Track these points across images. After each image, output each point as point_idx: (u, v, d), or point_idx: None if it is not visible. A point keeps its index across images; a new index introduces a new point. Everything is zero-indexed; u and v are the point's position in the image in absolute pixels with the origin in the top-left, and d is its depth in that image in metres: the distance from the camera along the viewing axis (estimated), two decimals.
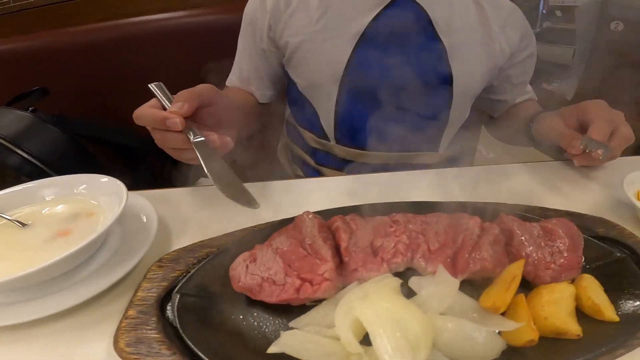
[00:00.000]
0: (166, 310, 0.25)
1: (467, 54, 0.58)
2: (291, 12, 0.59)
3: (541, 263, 0.25)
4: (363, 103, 0.58)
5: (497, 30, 0.61)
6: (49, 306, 0.28)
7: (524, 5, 3.41)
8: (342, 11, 0.58)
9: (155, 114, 0.37)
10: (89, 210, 0.36)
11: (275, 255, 0.26)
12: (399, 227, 0.27)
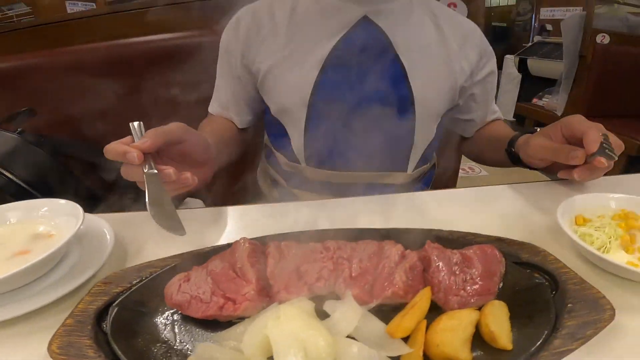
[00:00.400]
0: (103, 321, 0.28)
1: (427, 74, 0.60)
2: (262, 39, 0.62)
3: (451, 290, 0.26)
4: (331, 125, 0.60)
5: (456, 49, 0.63)
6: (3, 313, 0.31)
7: (517, 19, 3.51)
8: (308, 37, 0.61)
9: (118, 148, 0.39)
10: (49, 231, 0.39)
11: (208, 276, 0.28)
12: (328, 254, 0.29)
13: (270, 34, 0.61)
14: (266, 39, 0.61)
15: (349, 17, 0.58)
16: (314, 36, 0.59)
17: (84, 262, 0.36)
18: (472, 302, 0.26)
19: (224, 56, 0.69)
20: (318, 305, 0.27)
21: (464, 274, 0.27)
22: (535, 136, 0.52)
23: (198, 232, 0.41)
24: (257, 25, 0.62)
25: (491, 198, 0.48)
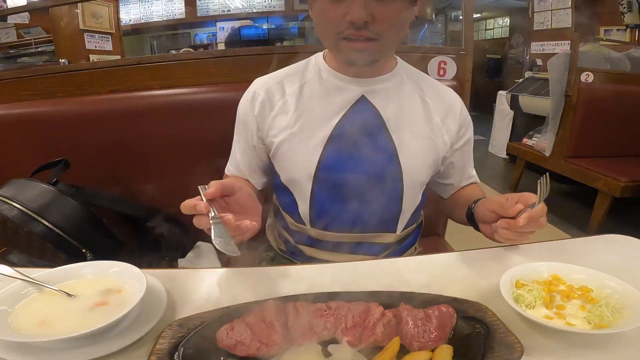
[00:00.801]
0: (174, 357, 0.40)
1: (414, 150, 0.72)
2: (274, 115, 0.74)
3: (414, 337, 0.39)
4: (333, 195, 0.73)
5: (440, 123, 0.75)
6: (92, 352, 0.42)
7: (511, 52, 3.71)
8: (313, 116, 0.72)
9: (190, 202, 0.52)
10: (118, 287, 0.52)
11: (246, 327, 0.41)
12: (330, 311, 0.43)
13: (281, 111, 0.74)
14: (278, 115, 0.74)
15: (349, 97, 0.71)
16: (319, 114, 0.72)
17: (146, 313, 0.48)
18: (429, 345, 0.39)
19: (240, 125, 0.80)
20: (324, 347, 0.39)
21: (424, 326, 0.41)
22: (488, 198, 0.66)
23: (227, 291, 0.55)
24: (270, 102, 0.75)
25: (453, 263, 0.62)
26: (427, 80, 0.78)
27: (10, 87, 1.18)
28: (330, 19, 0.62)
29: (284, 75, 0.77)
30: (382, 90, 0.72)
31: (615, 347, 0.42)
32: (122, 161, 1.15)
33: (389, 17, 0.60)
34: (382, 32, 0.61)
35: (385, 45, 0.64)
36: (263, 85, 0.77)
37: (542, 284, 0.49)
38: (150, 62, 1.16)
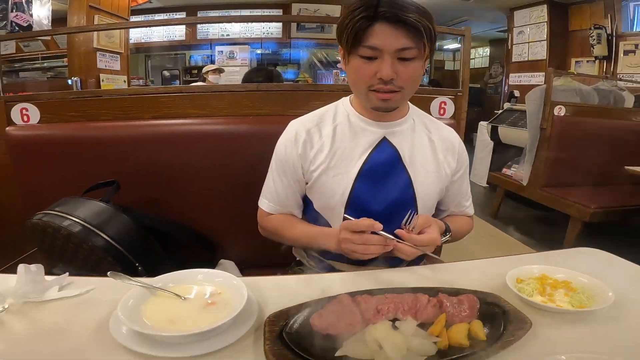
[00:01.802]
0: (282, 339, 0.55)
1: (424, 181, 0.90)
2: (313, 154, 0.90)
3: (454, 315, 0.57)
4: (362, 217, 0.86)
5: (442, 158, 0.92)
6: (210, 346, 0.54)
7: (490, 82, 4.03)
8: (346, 153, 0.89)
9: (367, 221, 0.75)
10: (218, 291, 0.65)
11: (332, 314, 0.58)
12: (389, 300, 0.60)
13: (319, 150, 0.91)
14: (317, 153, 0.91)
15: (374, 139, 0.90)
16: (350, 152, 0.89)
17: (245, 309, 0.60)
18: (465, 320, 0.57)
19: (282, 162, 0.94)
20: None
21: (459, 308, 0.59)
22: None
23: (287, 293, 0.70)
24: (311, 142, 0.92)
25: (463, 269, 0.82)
26: (431, 121, 0.97)
27: (55, 107, 1.31)
28: (364, 75, 0.80)
29: (319, 118, 0.95)
30: (399, 132, 0.91)
31: (590, 321, 0.62)
32: (157, 183, 1.28)
33: (409, 75, 0.79)
34: (403, 85, 0.80)
35: (405, 95, 0.84)
36: (303, 127, 0.94)
37: (535, 280, 0.69)
38: (190, 91, 1.33)
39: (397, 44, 0.75)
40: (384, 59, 0.76)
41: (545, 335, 0.58)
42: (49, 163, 1.29)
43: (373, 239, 0.75)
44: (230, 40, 4.83)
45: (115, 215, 1.07)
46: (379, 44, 0.76)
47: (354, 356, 0.51)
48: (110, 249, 1.01)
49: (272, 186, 0.97)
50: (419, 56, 0.79)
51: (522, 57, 4.78)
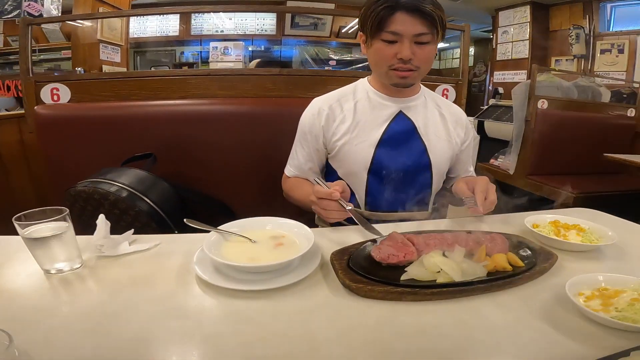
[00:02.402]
0: (349, 267, 0.64)
1: (438, 149, 1.01)
2: (336, 125, 1.02)
3: (492, 248, 0.68)
4: (383, 183, 1.00)
5: (452, 130, 1.05)
6: (287, 279, 0.60)
7: (474, 80, 4.22)
8: (366, 124, 1.00)
9: (326, 190, 0.81)
10: (284, 235, 0.73)
11: (390, 246, 0.68)
12: (434, 236, 0.71)
13: (341, 122, 1.02)
14: (339, 124, 1.02)
15: (391, 112, 1.01)
16: (370, 123, 1.01)
17: (311, 252, 0.67)
18: (502, 251, 0.68)
19: (306, 134, 1.05)
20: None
21: (494, 242, 0.70)
22: (458, 181, 0.95)
23: (338, 237, 0.80)
24: (333, 115, 1.03)
25: (478, 220, 0.93)
26: (441, 99, 1.11)
27: (86, 87, 1.36)
28: (386, 56, 0.91)
29: (340, 95, 1.07)
30: (413, 107, 1.03)
31: (600, 257, 0.75)
32: (184, 159, 1.36)
33: (425, 56, 0.91)
34: (419, 65, 0.92)
35: (421, 73, 0.96)
36: (325, 102, 1.06)
37: (549, 224, 0.81)
38: (217, 73, 1.40)
39: (415, 30, 0.86)
40: (403, 42, 0.88)
41: (568, 267, 0.70)
42: (77, 140, 1.33)
43: (332, 206, 0.82)
44: (224, 37, 4.84)
45: (157, 182, 1.13)
46: (399, 30, 0.87)
47: (418, 278, 0.61)
48: (154, 215, 1.07)
49: (295, 154, 1.09)
50: (433, 41, 0.90)
51: (506, 55, 5.00)
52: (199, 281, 0.63)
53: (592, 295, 0.56)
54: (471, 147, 1.13)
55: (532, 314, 0.55)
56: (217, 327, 0.53)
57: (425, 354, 0.47)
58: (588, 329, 0.52)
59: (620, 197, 2.60)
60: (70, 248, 0.67)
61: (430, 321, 0.54)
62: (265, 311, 0.56)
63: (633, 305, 0.52)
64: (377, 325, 0.53)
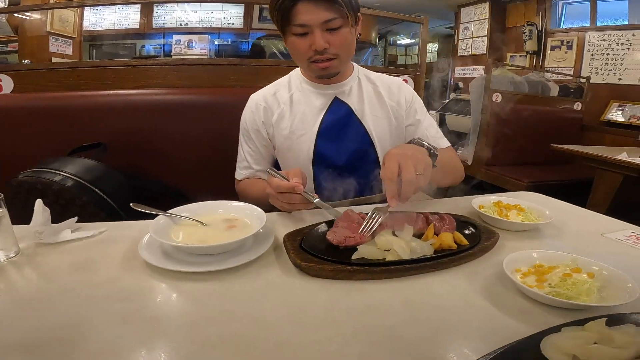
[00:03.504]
0: (302, 248, 0.64)
1: (379, 128, 1.00)
2: (275, 120, 1.01)
3: (440, 227, 0.71)
4: (330, 173, 0.99)
5: (391, 103, 1.02)
6: (238, 260, 0.60)
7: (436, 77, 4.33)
8: (304, 116, 0.98)
9: (288, 184, 0.75)
10: (236, 218, 0.73)
11: (343, 228, 0.68)
12: (387, 217, 0.72)
13: (280, 117, 1.01)
14: (279, 119, 1.01)
15: (326, 100, 1.00)
16: (308, 115, 1.00)
17: (265, 231, 0.69)
18: (449, 230, 0.70)
19: (249, 132, 1.02)
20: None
21: (443, 222, 0.72)
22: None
23: (293, 221, 0.80)
24: (271, 109, 1.02)
25: (429, 203, 0.95)
26: (376, 76, 1.07)
27: (30, 78, 1.27)
28: (301, 50, 0.89)
29: (274, 88, 1.05)
30: (348, 90, 1.02)
31: (539, 235, 0.80)
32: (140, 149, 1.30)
33: (340, 42, 0.88)
34: (337, 52, 0.89)
35: (343, 60, 0.94)
36: (262, 97, 1.04)
37: (493, 205, 0.86)
38: (175, 63, 1.35)
39: (322, 17, 0.83)
40: (314, 32, 0.85)
41: (508, 245, 0.74)
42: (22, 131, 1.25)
43: (296, 199, 0.77)
44: (188, 30, 4.64)
45: (107, 172, 1.08)
46: (306, 20, 0.84)
47: (368, 257, 0.62)
48: (104, 204, 1.03)
49: (242, 155, 1.06)
50: (345, 24, 0.87)
51: (466, 51, 5.18)
52: (146, 265, 0.61)
53: (528, 272, 0.59)
54: (425, 115, 1.07)
55: (475, 291, 0.58)
56: (162, 309, 0.52)
57: (373, 331, 0.48)
58: (525, 305, 0.54)
59: (568, 185, 2.79)
60: (5, 235, 0.63)
61: (379, 299, 0.55)
62: (214, 292, 0.56)
63: (565, 281, 0.56)
64: (328, 303, 0.54)
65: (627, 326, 0.43)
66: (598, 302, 0.51)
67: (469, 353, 0.43)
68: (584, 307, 0.51)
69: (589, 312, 0.49)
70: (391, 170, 0.68)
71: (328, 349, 0.44)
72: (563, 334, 0.42)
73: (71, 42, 3.67)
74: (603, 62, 3.70)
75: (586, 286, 0.53)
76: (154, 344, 0.45)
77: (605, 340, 0.41)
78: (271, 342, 0.46)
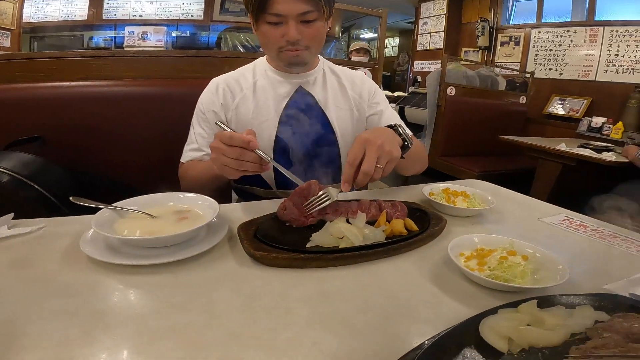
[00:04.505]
0: (257, 237, 0.64)
1: (341, 118, 1.02)
2: (236, 104, 1.00)
3: (392, 214, 0.73)
4: (291, 161, 0.99)
5: (354, 95, 1.05)
6: (190, 251, 0.58)
7: (398, 69, 4.50)
8: (267, 103, 0.98)
9: (242, 136, 0.66)
10: (186, 209, 0.71)
11: (294, 206, 0.69)
12: (340, 204, 0.74)
13: (242, 102, 1.00)
14: (240, 105, 1.00)
15: (291, 88, 1.01)
16: (271, 101, 1.00)
17: (216, 223, 0.68)
18: (400, 217, 0.73)
19: (205, 114, 0.99)
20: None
21: (394, 209, 0.75)
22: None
23: (247, 214, 0.80)
24: (232, 93, 1.00)
25: (385, 192, 0.99)
26: (340, 69, 1.10)
27: None
28: (273, 39, 0.88)
29: (238, 74, 1.04)
30: (313, 81, 1.03)
31: (482, 220, 0.85)
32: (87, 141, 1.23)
33: (312, 34, 0.89)
34: (309, 44, 0.90)
35: (312, 52, 0.95)
36: (224, 80, 1.02)
37: (442, 192, 0.90)
38: (125, 55, 1.28)
39: (298, 9, 0.84)
40: (288, 23, 0.85)
41: (455, 230, 0.78)
42: None
43: (249, 156, 0.68)
44: (142, 22, 4.36)
45: (47, 166, 1.01)
46: (282, 10, 0.83)
47: (322, 245, 0.63)
48: (44, 200, 0.96)
49: (194, 137, 1.01)
50: (320, 17, 0.88)
51: (425, 46, 5.33)
52: (89, 260, 0.58)
53: (470, 256, 0.62)
54: (388, 108, 1.10)
55: (423, 275, 0.61)
56: (107, 303, 0.50)
57: (326, 318, 0.49)
58: (469, 288, 0.57)
59: (515, 174, 2.99)
60: None
61: (333, 286, 0.56)
62: (163, 285, 0.54)
63: (502, 264, 0.58)
64: (282, 292, 0.54)
65: (557, 308, 0.46)
66: (532, 284, 0.54)
67: (417, 337, 0.44)
68: (519, 290, 0.54)
69: (524, 294, 0.53)
70: (354, 155, 0.70)
71: (281, 337, 0.45)
72: (498, 316, 0.44)
73: (9, 34, 3.40)
74: (546, 58, 3.96)
75: (520, 268, 0.57)
76: (97, 337, 0.43)
77: (537, 322, 0.43)
78: (223, 332, 0.45)
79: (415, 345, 0.41)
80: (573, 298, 0.48)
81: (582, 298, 0.48)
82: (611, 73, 3.40)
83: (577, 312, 0.45)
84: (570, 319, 0.44)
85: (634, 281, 0.56)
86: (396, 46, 8.14)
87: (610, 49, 3.40)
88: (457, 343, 0.40)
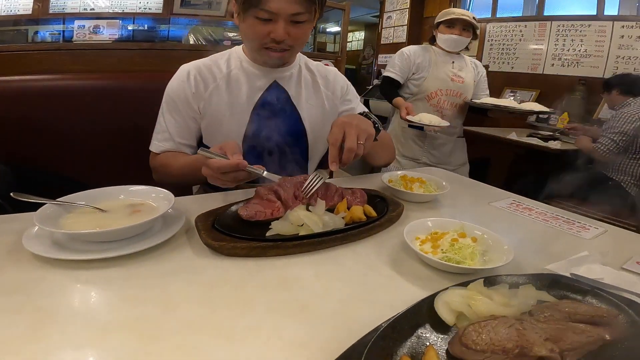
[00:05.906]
0: (215, 228, 0.63)
1: (312, 116, 1.01)
2: (209, 94, 0.95)
3: (352, 201, 0.75)
4: (260, 154, 0.98)
5: (324, 90, 1.05)
6: (144, 244, 0.56)
7: (363, 63, 4.50)
8: (240, 94, 0.95)
9: (231, 163, 0.69)
10: (140, 202, 0.68)
11: (255, 204, 0.68)
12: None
13: (215, 92, 0.96)
14: (213, 95, 0.96)
15: (265, 82, 0.98)
16: (244, 94, 0.96)
17: (173, 214, 0.66)
18: (360, 204, 0.74)
19: (176, 103, 0.95)
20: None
21: (354, 196, 0.76)
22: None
23: (206, 204, 0.78)
24: (204, 82, 0.96)
25: (349, 180, 1.00)
26: (315, 65, 1.09)
27: None
28: (259, 34, 0.86)
29: (211, 62, 0.99)
30: (288, 76, 1.02)
31: (438, 205, 0.88)
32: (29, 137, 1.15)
33: (299, 36, 0.88)
34: (293, 44, 0.89)
35: (295, 52, 0.94)
36: (195, 67, 0.97)
37: (400, 179, 0.93)
38: (71, 48, 1.19)
39: (292, 9, 0.82)
40: (278, 22, 0.83)
41: (412, 215, 0.81)
42: None
43: (241, 174, 0.72)
44: (95, 15, 4.06)
45: None
46: (275, 8, 0.81)
47: (282, 233, 0.63)
48: None
49: (164, 126, 0.97)
50: (309, 20, 0.87)
51: (388, 40, 5.39)
52: (34, 257, 0.55)
53: (425, 239, 0.63)
54: (359, 105, 1.12)
55: (381, 260, 0.62)
56: (53, 298, 0.47)
57: (285, 305, 0.49)
58: (424, 271, 0.58)
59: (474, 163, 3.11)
60: None
61: (292, 273, 0.56)
62: (115, 278, 0.52)
63: (453, 246, 0.60)
64: (241, 281, 0.54)
65: (502, 286, 0.48)
66: (481, 265, 0.56)
67: (375, 320, 0.43)
68: (469, 271, 0.56)
69: (474, 275, 0.55)
70: (335, 136, 0.74)
71: (240, 325, 0.44)
72: (450, 291, 0.47)
73: None
74: (499, 52, 4.13)
75: (469, 250, 0.59)
76: (44, 333, 0.41)
77: (485, 299, 0.46)
78: (179, 323, 0.44)
79: (373, 328, 0.42)
80: (517, 278, 0.51)
81: (525, 278, 0.51)
82: (557, 66, 3.61)
83: (521, 291, 0.48)
84: (515, 298, 0.46)
85: (574, 261, 0.60)
86: (362, 40, 8.18)
87: (557, 43, 3.60)
88: (412, 323, 0.42)
